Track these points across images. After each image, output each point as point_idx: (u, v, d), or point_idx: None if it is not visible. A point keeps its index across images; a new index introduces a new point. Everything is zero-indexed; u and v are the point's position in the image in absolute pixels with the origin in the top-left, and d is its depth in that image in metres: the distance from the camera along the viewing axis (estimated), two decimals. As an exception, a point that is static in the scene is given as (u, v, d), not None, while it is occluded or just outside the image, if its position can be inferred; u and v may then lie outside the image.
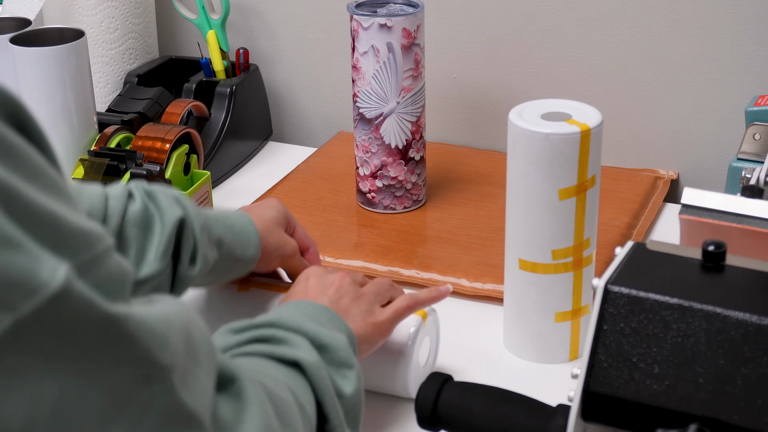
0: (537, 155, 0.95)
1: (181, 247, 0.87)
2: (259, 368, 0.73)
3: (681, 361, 0.70)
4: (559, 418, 0.74)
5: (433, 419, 0.78)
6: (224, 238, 0.92)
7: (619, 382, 0.71)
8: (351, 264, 1.17)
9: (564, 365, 1.02)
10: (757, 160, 1.14)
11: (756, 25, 1.28)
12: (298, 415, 0.71)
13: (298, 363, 0.76)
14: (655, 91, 1.35)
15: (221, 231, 0.92)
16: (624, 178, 1.34)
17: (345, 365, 0.80)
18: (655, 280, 0.73)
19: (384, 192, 1.27)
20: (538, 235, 0.98)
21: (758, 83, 1.29)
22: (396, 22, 1.20)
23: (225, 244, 0.92)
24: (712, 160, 1.34)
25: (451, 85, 1.44)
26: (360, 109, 1.25)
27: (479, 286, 1.13)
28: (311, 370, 0.76)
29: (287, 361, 0.76)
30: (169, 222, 0.85)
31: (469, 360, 1.03)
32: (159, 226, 0.86)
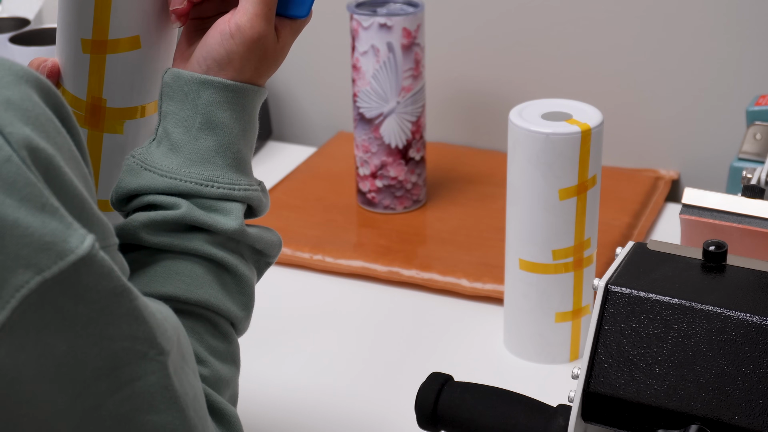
0: (537, 155, 0.95)
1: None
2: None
3: (682, 361, 0.70)
4: (560, 418, 0.74)
5: (433, 419, 0.78)
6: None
7: (620, 382, 0.71)
8: (351, 264, 1.17)
9: (564, 365, 1.02)
10: (757, 160, 1.14)
11: (756, 25, 1.28)
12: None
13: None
14: (655, 91, 1.35)
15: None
16: (624, 178, 1.34)
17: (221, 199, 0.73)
18: (655, 280, 0.73)
19: (384, 192, 1.27)
20: (538, 235, 0.98)
21: (758, 83, 1.29)
22: (396, 22, 1.20)
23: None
24: (713, 160, 1.34)
25: (451, 85, 1.44)
26: (360, 109, 1.25)
27: (479, 286, 1.12)
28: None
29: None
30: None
31: (469, 360, 1.03)
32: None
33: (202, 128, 0.72)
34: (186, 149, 0.72)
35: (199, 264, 0.71)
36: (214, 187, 0.72)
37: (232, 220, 0.72)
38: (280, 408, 0.97)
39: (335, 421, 0.95)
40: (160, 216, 0.71)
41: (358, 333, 1.08)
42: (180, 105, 0.73)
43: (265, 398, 0.98)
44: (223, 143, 0.73)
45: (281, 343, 1.06)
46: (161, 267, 0.71)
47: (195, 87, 0.73)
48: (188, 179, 0.72)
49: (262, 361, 1.03)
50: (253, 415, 0.96)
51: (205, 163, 0.72)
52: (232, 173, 0.73)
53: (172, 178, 0.72)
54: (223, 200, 0.72)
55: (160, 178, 0.72)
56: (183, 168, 0.72)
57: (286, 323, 1.09)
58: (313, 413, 0.96)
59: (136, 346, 0.58)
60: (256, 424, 0.95)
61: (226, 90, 0.73)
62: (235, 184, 0.73)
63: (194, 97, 0.73)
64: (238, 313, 0.73)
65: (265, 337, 1.07)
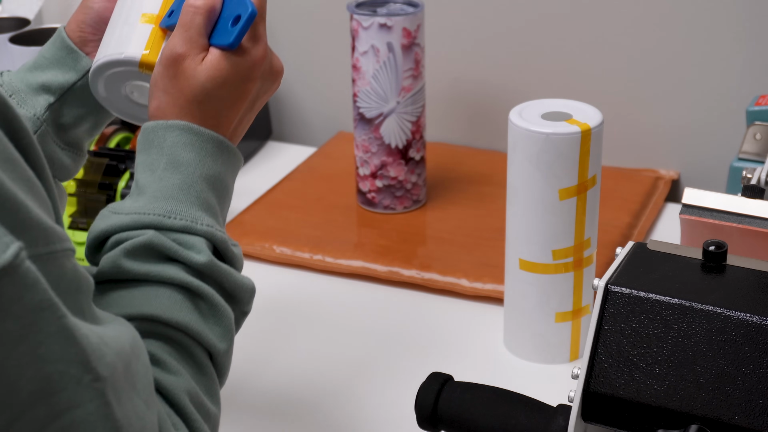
0: (537, 155, 0.95)
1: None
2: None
3: (682, 361, 0.70)
4: (560, 418, 0.74)
5: (433, 419, 0.78)
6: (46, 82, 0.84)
7: (620, 382, 0.71)
8: (351, 264, 1.17)
9: (564, 365, 1.02)
10: (757, 160, 1.14)
11: (756, 25, 1.28)
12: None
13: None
14: (655, 91, 1.35)
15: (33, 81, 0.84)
16: (624, 178, 1.34)
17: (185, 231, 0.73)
18: (655, 280, 0.73)
19: (384, 192, 1.27)
20: (538, 235, 0.98)
21: (758, 83, 1.29)
22: (396, 22, 1.20)
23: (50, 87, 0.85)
24: (713, 160, 1.34)
25: (451, 85, 1.44)
26: (360, 109, 1.25)
27: (479, 286, 1.12)
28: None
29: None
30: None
31: (469, 360, 1.03)
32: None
33: (167, 168, 0.73)
34: (151, 189, 0.73)
35: (177, 291, 0.70)
36: (177, 219, 0.71)
37: (197, 253, 0.71)
38: (280, 408, 0.97)
39: (335, 421, 0.95)
40: (129, 243, 0.70)
41: (358, 333, 1.08)
42: (147, 153, 0.74)
43: (264, 398, 0.98)
44: (186, 181, 0.73)
45: (281, 343, 1.06)
46: (142, 291, 0.70)
47: (160, 132, 0.74)
48: (151, 212, 0.72)
49: (262, 360, 1.03)
50: (253, 415, 0.96)
51: (168, 198, 0.72)
52: (195, 210, 0.73)
53: (136, 213, 0.72)
54: (186, 233, 0.72)
55: (126, 216, 0.72)
56: (147, 205, 0.72)
57: (285, 323, 1.09)
58: (313, 413, 0.96)
59: (71, 370, 0.53)
60: (256, 424, 0.95)
61: (191, 132, 0.74)
62: (198, 219, 0.72)
63: (159, 141, 0.74)
64: (216, 343, 0.71)
65: (264, 337, 1.07)
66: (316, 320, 1.10)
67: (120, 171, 1.15)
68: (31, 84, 0.84)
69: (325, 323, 1.09)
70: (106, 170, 1.15)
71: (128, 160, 1.16)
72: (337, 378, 1.01)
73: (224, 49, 0.75)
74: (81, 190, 1.14)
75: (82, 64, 0.85)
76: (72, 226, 1.14)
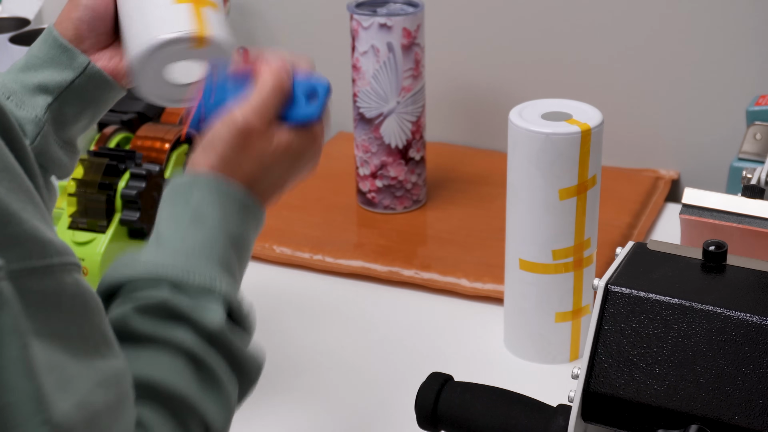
0: (537, 155, 0.95)
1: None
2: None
3: (682, 361, 0.70)
4: (560, 418, 0.74)
5: (433, 419, 0.78)
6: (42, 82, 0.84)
7: (620, 382, 0.71)
8: (351, 264, 1.17)
9: (564, 365, 1.02)
10: (757, 160, 1.14)
11: (756, 25, 1.28)
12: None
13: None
14: (655, 91, 1.35)
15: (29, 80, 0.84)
16: (624, 178, 1.34)
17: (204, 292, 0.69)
18: (655, 280, 0.73)
19: (384, 192, 1.27)
20: (538, 235, 0.98)
21: (758, 83, 1.29)
22: (396, 22, 1.20)
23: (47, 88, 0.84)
24: (713, 160, 1.34)
25: (451, 85, 1.44)
26: (360, 109, 1.25)
27: (479, 286, 1.12)
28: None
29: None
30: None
31: (469, 360, 1.03)
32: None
33: (192, 223, 0.71)
34: (172, 243, 0.70)
35: (180, 358, 0.66)
36: (196, 276, 0.68)
37: (214, 315, 0.67)
38: (280, 408, 0.97)
39: (335, 421, 0.95)
40: (143, 298, 0.67)
41: (357, 333, 1.08)
42: (173, 206, 0.72)
43: (264, 397, 0.98)
44: (209, 240, 0.70)
45: (281, 343, 1.06)
46: (144, 353, 0.65)
47: (188, 186, 0.72)
48: (170, 266, 0.68)
49: (262, 361, 1.03)
50: (252, 414, 0.96)
51: (189, 255, 0.70)
52: (216, 269, 0.70)
53: (155, 265, 0.69)
54: (204, 293, 0.68)
55: (143, 266, 0.69)
56: (166, 259, 0.69)
57: (285, 323, 1.09)
58: (313, 413, 0.96)
59: (23, 406, 0.49)
60: (256, 424, 0.95)
61: (218, 190, 0.72)
62: (217, 279, 0.69)
63: (187, 196, 0.72)
64: (215, 418, 0.67)
65: (264, 337, 1.06)
66: (316, 320, 1.10)
67: (120, 171, 1.15)
68: (27, 85, 0.84)
69: (325, 323, 1.09)
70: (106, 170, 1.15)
71: (128, 160, 1.16)
72: (337, 378, 1.01)
73: (302, 124, 0.76)
74: (81, 190, 1.14)
75: (78, 61, 0.84)
76: (72, 226, 1.14)
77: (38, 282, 0.51)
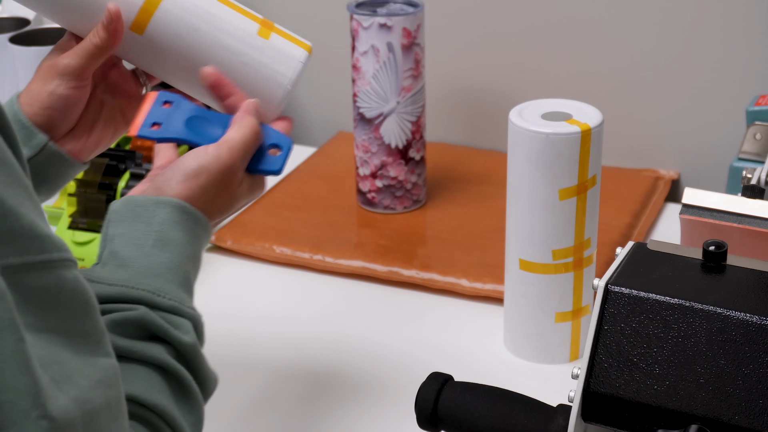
0: (537, 155, 0.95)
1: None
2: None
3: (682, 361, 0.70)
4: (560, 418, 0.74)
5: (433, 419, 0.78)
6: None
7: (620, 382, 0.71)
8: (351, 264, 1.17)
9: (564, 365, 1.02)
10: (757, 160, 1.14)
11: (756, 25, 1.28)
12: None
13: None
14: (655, 91, 1.35)
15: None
16: (624, 178, 1.34)
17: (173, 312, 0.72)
18: (655, 280, 0.73)
19: (384, 192, 1.27)
20: (538, 235, 0.98)
21: (758, 83, 1.29)
22: (396, 22, 1.20)
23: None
24: (713, 160, 1.34)
25: (451, 85, 1.44)
26: (360, 109, 1.25)
27: (479, 286, 1.12)
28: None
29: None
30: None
31: (469, 360, 1.03)
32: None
33: (156, 245, 0.73)
34: (137, 264, 0.72)
35: (157, 372, 0.68)
36: (166, 298, 0.71)
37: (185, 334, 0.71)
38: (280, 408, 0.97)
39: (335, 420, 0.95)
40: (119, 316, 0.68)
41: (358, 333, 1.08)
42: (131, 226, 0.74)
43: (263, 397, 0.98)
44: (174, 261, 0.73)
45: (281, 343, 1.06)
46: (122, 368, 0.66)
47: (151, 207, 0.74)
48: (140, 288, 0.70)
49: (261, 360, 1.03)
50: (252, 414, 0.96)
51: (156, 276, 0.72)
52: (181, 292, 0.73)
53: (123, 286, 0.70)
54: (174, 314, 0.71)
55: (110, 287, 0.70)
56: (134, 279, 0.71)
57: (285, 323, 1.09)
58: (313, 413, 0.96)
59: (20, 402, 0.49)
60: (255, 423, 0.95)
61: (182, 211, 0.75)
62: (184, 302, 0.72)
63: (149, 216, 0.74)
64: (191, 431, 0.69)
65: (264, 337, 1.07)
66: (316, 320, 1.10)
67: (120, 171, 1.15)
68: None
69: (325, 323, 1.09)
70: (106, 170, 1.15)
71: (128, 160, 1.16)
72: (336, 378, 1.01)
73: (266, 174, 0.83)
74: (81, 190, 1.14)
75: (36, 140, 0.84)
76: (72, 226, 1.14)
77: (37, 277, 0.51)
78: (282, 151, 0.83)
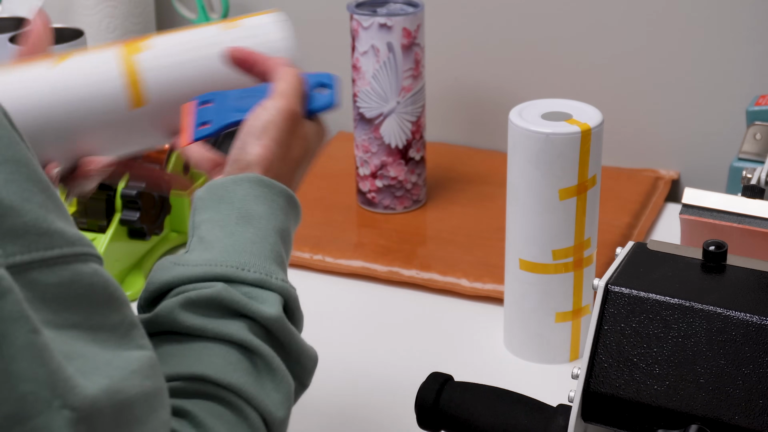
0: (537, 155, 0.95)
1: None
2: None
3: (682, 361, 0.70)
4: (560, 418, 0.74)
5: (433, 419, 0.78)
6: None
7: (620, 382, 0.71)
8: (351, 264, 1.17)
9: (564, 365, 1.02)
10: (757, 160, 1.14)
11: (756, 25, 1.28)
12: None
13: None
14: (655, 91, 1.35)
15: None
16: (624, 178, 1.34)
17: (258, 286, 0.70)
18: (655, 280, 0.73)
19: (384, 192, 1.27)
20: (538, 235, 0.98)
21: (758, 83, 1.29)
22: (396, 22, 1.20)
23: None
24: (713, 160, 1.34)
25: (451, 85, 1.44)
26: (360, 109, 1.25)
27: (479, 286, 1.12)
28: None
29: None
30: None
31: (469, 360, 1.03)
32: None
33: (239, 222, 0.71)
34: (221, 244, 0.70)
35: (234, 349, 0.66)
36: (251, 271, 0.69)
37: (270, 307, 0.68)
38: (280, 408, 0.97)
39: (335, 421, 0.95)
40: (194, 294, 0.67)
41: (358, 333, 1.08)
42: (215, 210, 0.72)
43: (265, 398, 0.98)
44: (259, 235, 0.71)
45: (281, 343, 1.06)
46: (195, 348, 0.66)
47: (230, 186, 0.73)
48: (223, 264, 0.69)
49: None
50: (253, 415, 0.96)
51: (241, 252, 0.70)
52: (270, 264, 0.70)
53: (207, 265, 0.69)
54: (260, 287, 0.69)
55: (194, 267, 0.69)
56: (218, 257, 0.69)
57: (286, 323, 1.09)
58: (313, 413, 0.96)
59: (41, 392, 0.49)
60: (256, 424, 0.95)
61: (261, 184, 0.73)
62: (272, 273, 0.70)
63: (230, 196, 0.72)
64: (273, 410, 0.66)
65: (265, 337, 1.07)
66: (316, 320, 1.10)
67: (120, 171, 1.15)
68: None
69: (325, 323, 1.09)
70: (106, 170, 1.15)
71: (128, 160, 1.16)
72: (336, 378, 1.01)
73: (325, 110, 0.81)
74: (81, 190, 1.14)
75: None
76: (72, 226, 1.14)
77: (50, 273, 0.50)
78: (329, 87, 0.81)
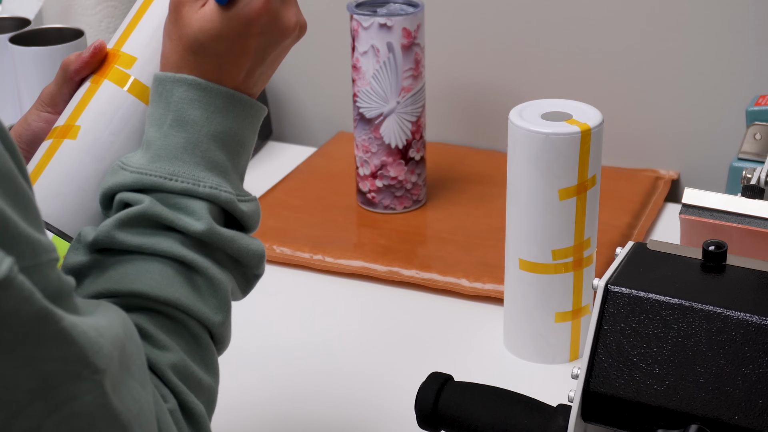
0: (537, 155, 0.95)
1: None
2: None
3: (681, 361, 0.70)
4: (560, 418, 0.74)
5: (433, 419, 0.78)
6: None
7: (620, 382, 0.71)
8: (351, 264, 1.17)
9: (564, 365, 1.02)
10: (757, 160, 1.14)
11: (756, 25, 1.28)
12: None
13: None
14: (655, 91, 1.35)
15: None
16: (624, 178, 1.34)
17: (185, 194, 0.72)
18: (655, 280, 0.73)
19: (384, 192, 1.27)
20: (538, 235, 0.98)
21: (758, 83, 1.29)
22: (396, 22, 1.20)
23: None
24: (713, 160, 1.34)
25: (451, 85, 1.44)
26: (360, 109, 1.25)
27: (479, 286, 1.12)
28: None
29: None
30: None
31: (469, 360, 1.03)
32: None
33: (173, 125, 0.72)
34: (155, 145, 0.72)
35: (169, 265, 0.70)
36: (177, 181, 0.71)
37: (197, 220, 0.70)
38: (280, 407, 0.97)
39: (335, 420, 0.95)
40: (124, 214, 0.70)
41: (358, 333, 1.08)
42: (156, 105, 0.74)
43: (264, 397, 0.98)
44: (191, 141, 0.72)
45: (281, 343, 1.06)
46: (132, 266, 0.69)
47: (169, 85, 0.73)
48: (152, 173, 0.71)
49: (261, 359, 1.03)
50: (252, 414, 0.96)
51: (172, 159, 0.72)
52: (200, 171, 0.72)
53: (139, 172, 0.71)
54: (186, 196, 0.71)
55: (129, 174, 0.72)
56: (150, 163, 0.72)
57: (285, 323, 1.09)
58: (313, 413, 0.96)
59: (69, 367, 0.54)
60: (256, 423, 0.95)
61: (198, 88, 0.73)
62: (201, 181, 0.72)
63: (167, 95, 0.73)
64: (211, 316, 0.71)
65: (264, 337, 1.07)
66: (316, 320, 1.10)
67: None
68: None
69: (325, 323, 1.09)
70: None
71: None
72: (336, 378, 1.01)
73: (218, 2, 0.73)
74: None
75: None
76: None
77: (31, 279, 0.53)
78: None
